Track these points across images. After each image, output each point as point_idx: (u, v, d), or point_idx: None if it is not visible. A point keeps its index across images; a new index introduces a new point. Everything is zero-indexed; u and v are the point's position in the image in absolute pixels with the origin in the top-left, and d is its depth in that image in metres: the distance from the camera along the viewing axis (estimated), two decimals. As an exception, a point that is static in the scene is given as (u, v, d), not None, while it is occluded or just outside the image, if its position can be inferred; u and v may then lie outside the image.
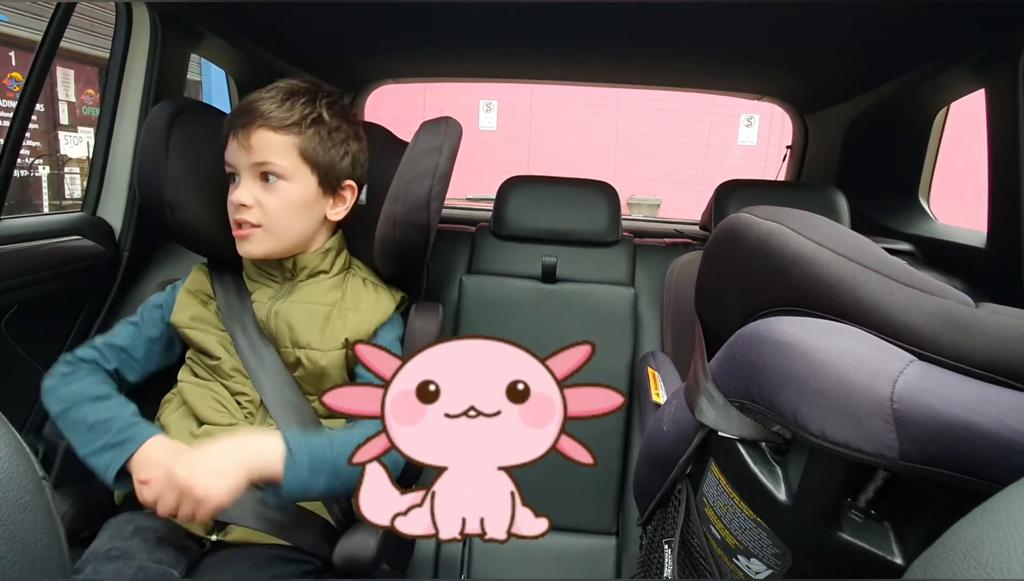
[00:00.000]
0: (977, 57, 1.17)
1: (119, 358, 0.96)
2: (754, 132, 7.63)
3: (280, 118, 0.91)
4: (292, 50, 1.56)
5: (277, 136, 0.91)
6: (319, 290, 0.97)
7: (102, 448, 0.84)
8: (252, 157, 0.91)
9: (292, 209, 0.94)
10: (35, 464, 0.34)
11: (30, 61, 1.16)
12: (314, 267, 0.98)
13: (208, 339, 0.95)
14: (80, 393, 0.89)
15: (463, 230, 1.57)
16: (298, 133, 0.92)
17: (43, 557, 0.31)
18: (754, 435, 0.58)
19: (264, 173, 0.92)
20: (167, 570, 0.77)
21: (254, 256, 0.96)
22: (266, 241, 0.94)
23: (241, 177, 0.93)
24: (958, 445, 0.43)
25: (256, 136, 0.91)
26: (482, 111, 7.71)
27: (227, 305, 0.97)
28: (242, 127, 0.91)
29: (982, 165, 1.18)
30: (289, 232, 0.95)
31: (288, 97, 0.93)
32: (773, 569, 0.59)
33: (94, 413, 0.87)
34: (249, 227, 0.92)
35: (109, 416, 0.87)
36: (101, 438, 0.85)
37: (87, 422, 0.87)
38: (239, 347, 0.94)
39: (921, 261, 1.38)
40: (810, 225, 0.61)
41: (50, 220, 1.27)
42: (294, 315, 0.94)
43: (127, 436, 0.85)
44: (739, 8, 1.10)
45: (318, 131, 0.94)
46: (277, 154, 0.92)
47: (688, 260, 1.38)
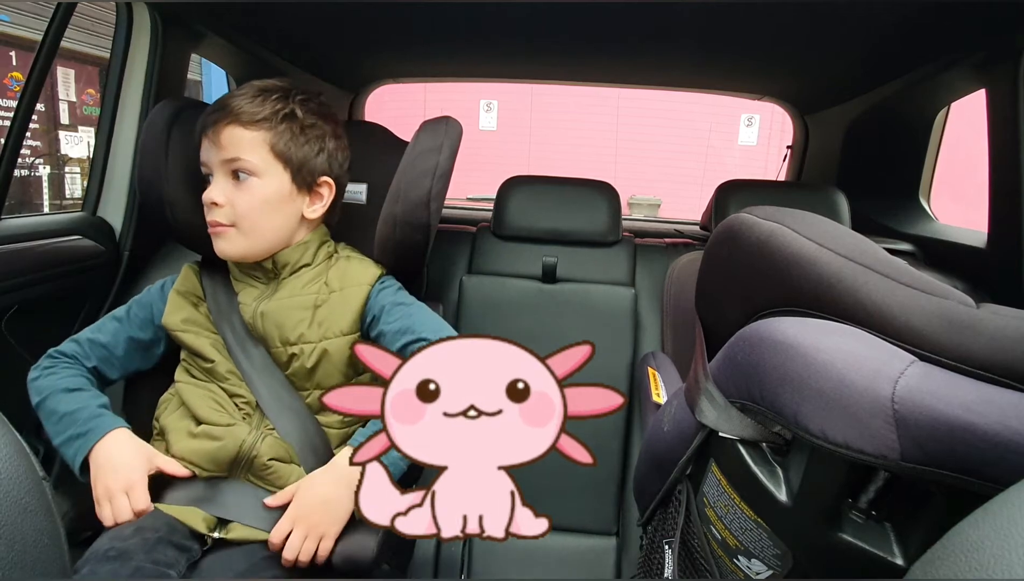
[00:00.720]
0: (978, 58, 1.17)
1: (99, 355, 0.96)
2: (755, 132, 7.63)
3: (250, 113, 0.91)
4: (293, 50, 1.56)
5: (247, 132, 0.91)
6: (302, 282, 0.96)
7: (69, 439, 0.87)
8: (222, 154, 0.91)
9: (264, 207, 0.93)
10: (36, 464, 0.34)
11: (31, 61, 1.16)
12: (295, 262, 0.97)
13: (201, 342, 0.95)
14: (55, 385, 0.91)
15: (463, 230, 1.57)
16: (269, 128, 0.92)
17: (43, 558, 0.31)
18: (755, 436, 0.58)
19: (235, 170, 0.91)
20: (164, 571, 0.77)
21: (229, 256, 0.95)
22: (240, 241, 0.93)
23: (214, 175, 0.93)
24: (959, 446, 0.43)
25: (226, 132, 0.90)
26: (482, 111, 7.72)
27: (216, 307, 0.97)
28: (212, 124, 0.91)
29: (983, 165, 1.18)
30: (263, 231, 0.94)
31: (260, 93, 0.93)
32: (774, 570, 0.59)
33: (64, 404, 0.89)
34: (221, 226, 0.92)
35: (77, 407, 0.89)
36: (68, 429, 0.87)
37: (58, 412, 0.89)
38: (231, 349, 0.94)
39: (922, 261, 1.39)
40: (810, 225, 0.61)
41: (51, 220, 1.27)
42: (281, 313, 0.94)
43: (91, 427, 0.87)
44: (740, 8, 1.10)
45: (290, 126, 0.93)
46: (247, 150, 0.91)
47: (688, 260, 1.38)
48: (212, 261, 1.01)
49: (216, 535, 0.85)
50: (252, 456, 0.88)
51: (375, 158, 1.06)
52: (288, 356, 0.93)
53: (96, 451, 0.85)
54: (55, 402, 0.89)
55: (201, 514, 0.85)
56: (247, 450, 0.88)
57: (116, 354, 0.97)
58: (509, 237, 1.51)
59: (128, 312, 1.00)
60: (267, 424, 0.91)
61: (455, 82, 2.08)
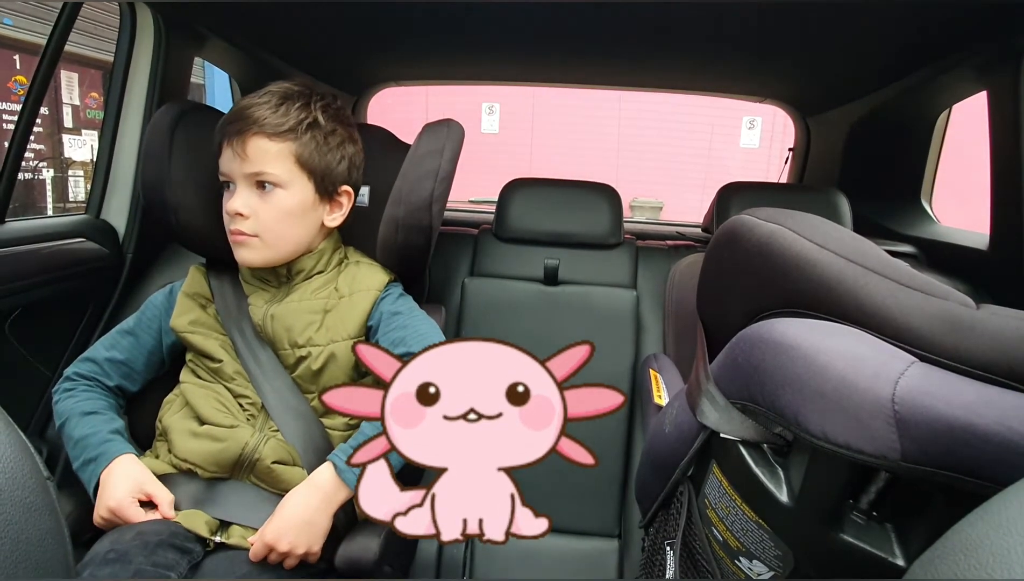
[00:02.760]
0: (979, 60, 1.17)
1: (120, 372, 0.97)
2: (756, 134, 7.63)
3: (275, 124, 0.90)
4: (295, 53, 1.57)
5: (273, 143, 0.91)
6: (313, 287, 0.97)
7: (83, 464, 0.89)
8: (247, 166, 0.91)
9: (288, 217, 0.93)
10: (40, 465, 0.34)
11: (34, 64, 1.16)
12: (310, 269, 0.98)
13: (209, 343, 0.96)
14: (72, 408, 0.92)
15: (465, 232, 1.57)
16: (294, 139, 0.91)
17: (47, 557, 0.31)
18: (756, 437, 0.59)
19: (260, 181, 0.91)
20: (164, 573, 0.77)
21: (251, 264, 0.95)
22: (263, 250, 0.94)
23: (236, 185, 0.92)
24: (959, 446, 0.43)
25: (252, 144, 0.90)
26: (484, 114, 7.72)
27: (225, 308, 0.98)
28: (237, 134, 0.90)
29: (985, 167, 1.18)
30: (286, 241, 0.95)
31: (283, 101, 0.92)
32: (775, 571, 0.59)
33: (79, 429, 0.90)
34: (245, 236, 0.92)
35: (90, 432, 0.90)
36: (82, 454, 0.89)
37: (74, 437, 0.90)
38: (238, 350, 0.95)
39: (923, 263, 1.38)
40: (811, 227, 0.61)
41: (54, 222, 1.28)
42: (291, 316, 0.94)
43: (100, 452, 0.88)
44: (741, 11, 1.10)
45: (314, 136, 0.93)
46: (273, 162, 0.91)
47: (690, 262, 1.37)
48: (219, 263, 1.02)
49: (218, 539, 0.85)
50: (255, 458, 0.88)
51: (377, 161, 1.06)
52: (296, 359, 0.94)
53: (103, 476, 0.87)
54: (71, 427, 0.91)
55: (204, 517, 0.85)
56: (250, 452, 0.88)
57: (136, 369, 0.99)
58: (511, 239, 1.51)
59: (139, 325, 1.00)
60: (271, 426, 0.91)
61: (457, 85, 2.09)
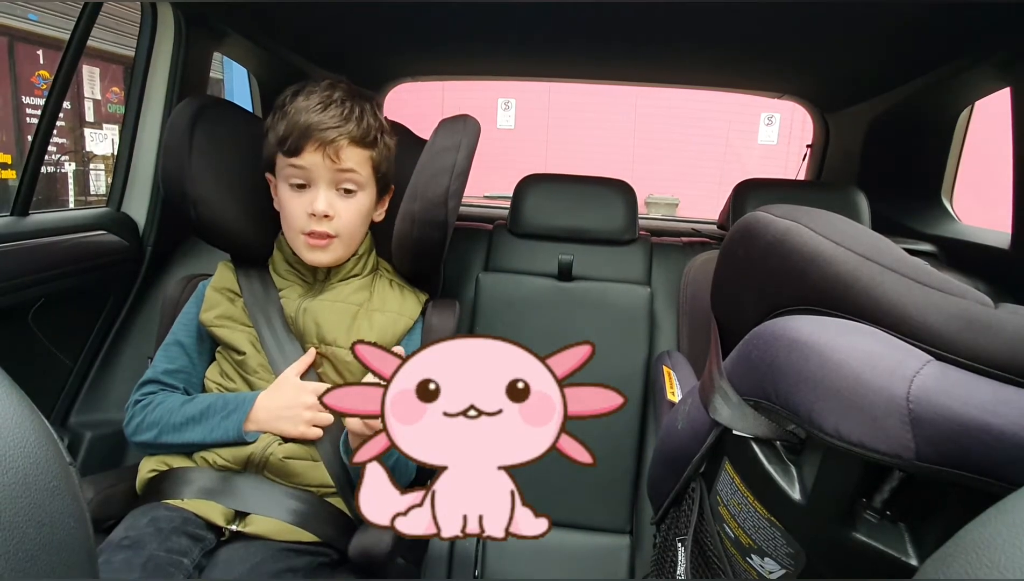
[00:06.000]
0: (1002, 56, 1.15)
1: (182, 379, 0.99)
2: (774, 131, 7.53)
3: (362, 134, 0.95)
4: (313, 49, 1.58)
5: (364, 151, 0.96)
6: (348, 290, 0.99)
7: (220, 421, 0.90)
8: (340, 171, 0.94)
9: (362, 217, 0.99)
10: (63, 451, 0.35)
11: (57, 59, 1.18)
12: (349, 270, 1.01)
13: (236, 336, 0.97)
14: (167, 409, 0.93)
15: (480, 228, 1.57)
16: (372, 146, 0.96)
17: (70, 539, 0.32)
18: (768, 434, 0.58)
19: (346, 184, 0.95)
20: (177, 559, 0.78)
21: (324, 265, 0.99)
22: (339, 250, 0.98)
23: (319, 187, 0.94)
24: (975, 446, 0.43)
25: (347, 151, 0.94)
26: (500, 109, 7.71)
27: (254, 301, 0.99)
28: (331, 141, 0.92)
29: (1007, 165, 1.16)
30: (356, 240, 1.00)
31: (358, 111, 0.96)
32: (787, 569, 0.59)
33: (193, 408, 0.92)
34: (326, 237, 0.95)
35: (210, 402, 0.92)
36: (214, 417, 0.91)
37: (193, 416, 0.91)
38: (264, 342, 0.96)
39: (943, 262, 1.36)
40: (827, 224, 0.61)
41: (76, 215, 1.30)
42: (323, 313, 0.96)
43: (237, 403, 0.91)
44: (760, 6, 1.09)
45: (384, 142, 0.99)
46: (360, 167, 0.96)
47: (705, 259, 1.37)
48: (246, 258, 1.04)
49: (234, 527, 0.86)
50: (267, 455, 0.89)
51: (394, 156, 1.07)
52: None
53: (253, 414, 0.90)
54: (182, 415, 0.92)
55: (219, 507, 0.87)
56: (261, 451, 0.90)
57: (196, 373, 1.01)
58: (525, 235, 1.51)
59: (184, 332, 1.02)
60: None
61: (473, 81, 2.09)
